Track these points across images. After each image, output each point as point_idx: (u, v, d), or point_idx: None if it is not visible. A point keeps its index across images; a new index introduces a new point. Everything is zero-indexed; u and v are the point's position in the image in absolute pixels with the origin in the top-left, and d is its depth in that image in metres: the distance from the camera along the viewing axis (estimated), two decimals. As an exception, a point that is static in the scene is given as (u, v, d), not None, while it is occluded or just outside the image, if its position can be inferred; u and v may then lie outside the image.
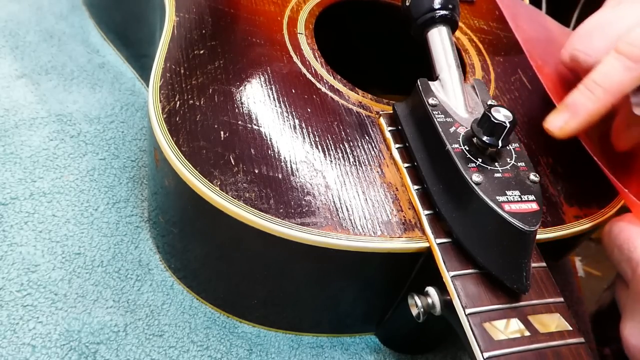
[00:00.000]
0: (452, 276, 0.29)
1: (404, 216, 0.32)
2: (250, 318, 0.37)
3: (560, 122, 0.35)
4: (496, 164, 0.31)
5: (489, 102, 0.35)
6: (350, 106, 0.37)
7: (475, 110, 0.34)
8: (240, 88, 0.36)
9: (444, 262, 0.30)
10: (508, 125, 0.30)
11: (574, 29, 0.38)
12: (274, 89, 0.36)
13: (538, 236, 0.30)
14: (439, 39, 0.37)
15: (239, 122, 0.34)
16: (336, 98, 0.37)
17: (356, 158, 0.34)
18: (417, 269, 0.33)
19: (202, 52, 0.37)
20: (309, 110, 0.36)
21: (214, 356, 0.36)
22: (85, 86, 0.48)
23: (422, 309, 0.31)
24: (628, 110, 0.36)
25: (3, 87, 0.46)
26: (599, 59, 0.34)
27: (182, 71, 0.36)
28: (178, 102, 0.34)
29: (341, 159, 0.34)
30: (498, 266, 0.29)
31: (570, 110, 0.34)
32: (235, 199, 0.30)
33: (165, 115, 0.33)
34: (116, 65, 0.51)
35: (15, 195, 0.40)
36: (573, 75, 0.39)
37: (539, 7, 0.60)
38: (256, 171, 0.32)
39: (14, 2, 0.54)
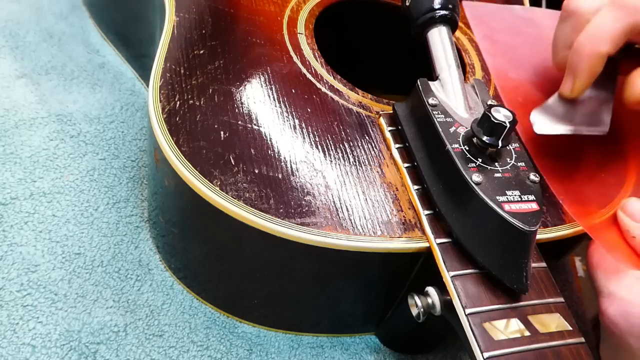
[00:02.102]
0: (452, 276, 0.29)
1: (404, 216, 0.32)
2: (250, 318, 0.37)
3: (569, 84, 0.35)
4: (496, 164, 0.31)
5: (489, 102, 0.35)
6: (350, 106, 0.37)
7: (475, 110, 0.34)
8: (240, 88, 0.36)
9: (444, 262, 0.30)
10: (508, 125, 0.30)
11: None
12: (274, 89, 0.36)
13: (538, 236, 0.30)
14: (439, 39, 0.37)
15: (239, 122, 0.34)
16: (336, 98, 0.37)
17: (356, 158, 0.34)
18: (417, 269, 0.33)
19: (202, 52, 0.37)
20: (309, 110, 0.36)
21: (214, 356, 0.36)
22: (85, 86, 0.48)
23: (422, 309, 0.31)
24: None
25: (3, 87, 0.46)
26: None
27: (182, 71, 0.36)
28: (178, 102, 0.34)
29: (341, 159, 0.34)
30: (498, 266, 0.29)
31: (571, 70, 0.34)
32: (235, 199, 0.30)
33: (165, 115, 0.33)
34: (116, 65, 0.51)
35: (15, 195, 0.40)
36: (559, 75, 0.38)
37: (539, 5, 0.60)
38: (256, 171, 0.32)
39: (14, 2, 0.54)
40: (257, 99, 0.35)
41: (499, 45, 0.43)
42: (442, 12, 0.37)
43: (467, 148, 0.31)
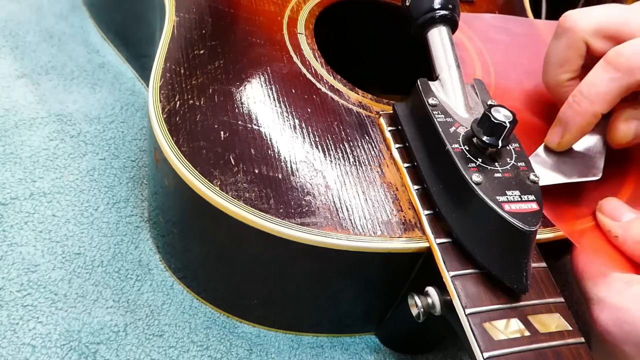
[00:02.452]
0: (452, 276, 0.29)
1: (404, 216, 0.32)
2: (250, 318, 0.37)
3: (557, 137, 0.35)
4: (496, 164, 0.31)
5: (489, 102, 0.35)
6: (350, 106, 0.37)
7: (475, 110, 0.34)
8: (240, 88, 0.36)
9: (444, 262, 0.30)
10: (508, 125, 0.30)
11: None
12: (274, 89, 0.36)
13: (538, 236, 0.30)
14: (439, 39, 0.37)
15: (239, 122, 0.34)
16: (336, 98, 0.37)
17: (356, 158, 0.34)
18: (417, 269, 0.33)
19: (202, 52, 0.37)
20: (309, 110, 0.36)
21: (214, 356, 0.36)
22: (85, 86, 0.48)
23: (422, 309, 0.31)
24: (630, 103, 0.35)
25: (3, 87, 0.46)
26: (591, 26, 0.34)
27: (182, 71, 0.36)
28: (178, 102, 0.34)
29: (341, 159, 0.34)
30: (498, 266, 0.29)
31: (562, 124, 0.35)
32: (235, 199, 0.30)
33: (165, 115, 0.33)
34: (116, 65, 0.51)
35: (15, 195, 0.40)
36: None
37: (539, 7, 0.60)
38: (256, 171, 0.32)
39: (14, 2, 0.54)
40: (257, 99, 0.35)
41: (470, 52, 0.43)
42: (442, 12, 0.37)
43: (467, 148, 0.31)
